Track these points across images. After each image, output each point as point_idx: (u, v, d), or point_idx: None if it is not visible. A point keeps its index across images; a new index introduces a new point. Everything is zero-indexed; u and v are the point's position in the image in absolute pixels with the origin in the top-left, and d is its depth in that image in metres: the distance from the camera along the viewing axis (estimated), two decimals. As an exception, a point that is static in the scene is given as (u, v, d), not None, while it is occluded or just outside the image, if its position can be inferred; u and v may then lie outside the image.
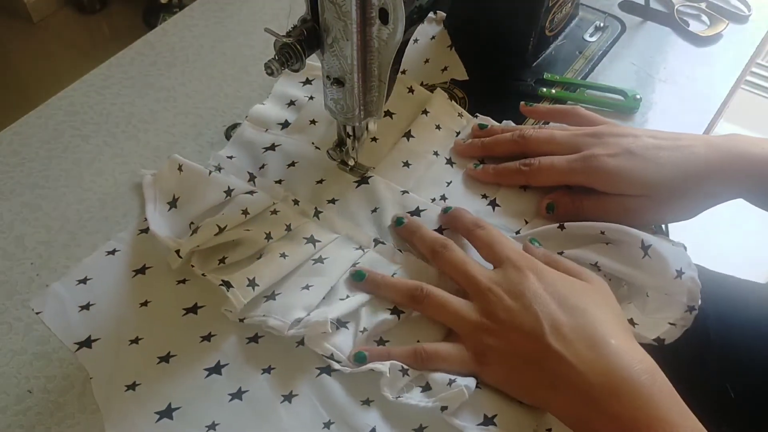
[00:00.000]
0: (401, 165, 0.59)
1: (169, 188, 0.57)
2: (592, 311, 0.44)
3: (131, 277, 0.52)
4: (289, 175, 0.59)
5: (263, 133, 0.62)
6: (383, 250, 0.53)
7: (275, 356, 0.48)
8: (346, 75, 0.49)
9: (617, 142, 0.53)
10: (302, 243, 0.53)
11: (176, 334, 0.49)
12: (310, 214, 0.56)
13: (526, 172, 0.55)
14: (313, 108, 0.63)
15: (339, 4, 0.45)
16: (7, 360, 0.48)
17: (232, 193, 0.55)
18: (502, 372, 0.45)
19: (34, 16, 2.11)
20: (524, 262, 0.47)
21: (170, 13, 1.98)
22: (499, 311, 0.45)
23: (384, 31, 0.46)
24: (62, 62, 2.00)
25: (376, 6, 0.45)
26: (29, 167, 0.60)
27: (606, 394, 0.40)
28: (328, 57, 0.49)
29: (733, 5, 0.75)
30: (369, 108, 0.52)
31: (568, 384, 0.42)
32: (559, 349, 0.42)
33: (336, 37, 0.47)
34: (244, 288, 0.48)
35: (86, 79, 0.68)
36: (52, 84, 1.02)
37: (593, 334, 0.43)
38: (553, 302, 0.44)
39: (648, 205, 0.52)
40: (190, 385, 0.46)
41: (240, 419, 0.45)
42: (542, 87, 0.66)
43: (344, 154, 0.57)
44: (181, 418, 0.45)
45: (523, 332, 0.43)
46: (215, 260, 0.52)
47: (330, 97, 0.53)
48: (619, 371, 0.41)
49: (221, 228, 0.52)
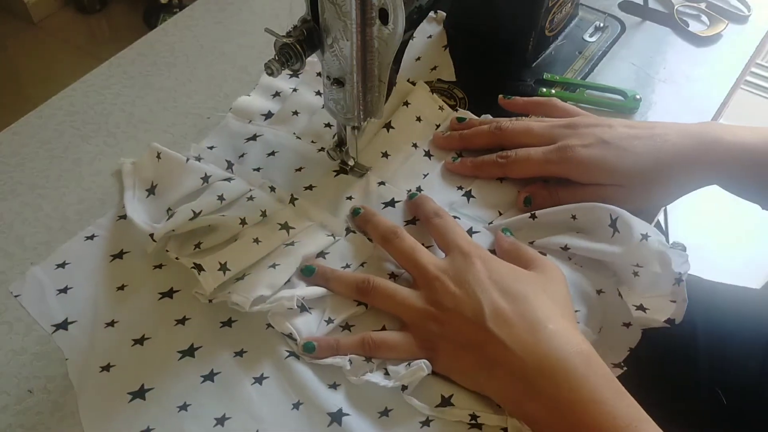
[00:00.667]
0: (380, 155, 0.59)
1: (148, 175, 0.58)
2: (533, 298, 0.45)
3: (109, 262, 0.53)
4: (268, 163, 0.60)
5: (246, 124, 0.63)
6: (354, 239, 0.54)
7: (247, 339, 0.49)
8: (346, 75, 0.50)
9: (591, 133, 0.54)
10: (276, 229, 0.54)
11: (151, 317, 0.50)
12: (285, 200, 0.57)
13: (503, 164, 0.56)
14: (296, 99, 0.64)
15: (339, 5, 0.45)
16: (7, 360, 0.49)
17: (209, 179, 0.56)
18: (447, 358, 0.46)
19: (34, 16, 2.11)
20: (472, 250, 0.48)
21: (170, 13, 1.98)
22: (444, 298, 0.46)
23: (384, 31, 0.46)
24: (62, 62, 2.00)
25: (376, 6, 0.45)
26: (29, 167, 0.60)
27: (540, 375, 0.42)
28: (328, 57, 0.49)
29: (732, 5, 0.75)
30: (369, 108, 0.52)
31: (505, 367, 0.43)
32: (498, 333, 0.43)
33: (336, 37, 0.47)
34: (215, 272, 0.50)
35: (86, 79, 0.68)
36: (52, 84, 1.02)
37: (532, 319, 0.44)
38: (495, 289, 0.46)
39: (623, 193, 0.53)
40: (163, 367, 0.47)
41: (211, 400, 0.46)
42: (542, 87, 0.66)
43: (344, 154, 0.57)
44: (153, 398, 0.46)
45: (465, 318, 0.45)
46: (191, 245, 0.53)
47: (330, 97, 0.53)
48: (554, 353, 0.42)
49: (196, 213, 0.53)
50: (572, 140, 0.54)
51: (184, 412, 0.45)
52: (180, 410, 0.45)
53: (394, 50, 0.47)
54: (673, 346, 0.63)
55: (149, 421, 0.45)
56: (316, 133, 0.62)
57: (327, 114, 0.57)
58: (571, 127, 0.56)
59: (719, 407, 0.59)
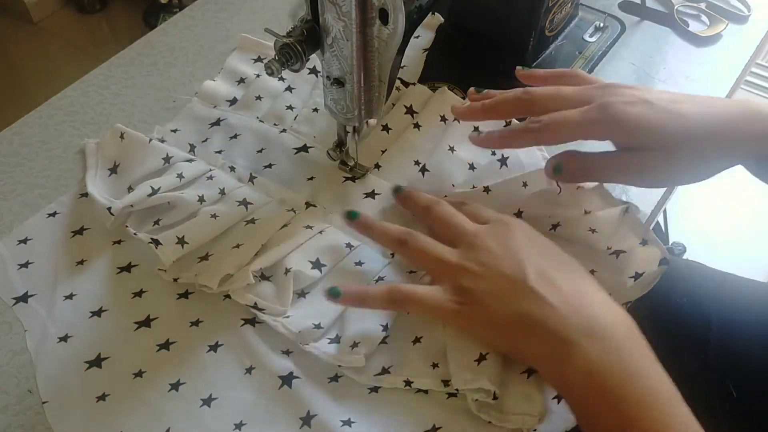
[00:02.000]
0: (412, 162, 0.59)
1: (111, 155, 0.59)
2: (575, 269, 0.45)
3: (69, 238, 0.55)
4: (230, 146, 0.61)
5: (211, 109, 0.64)
6: (314, 212, 0.55)
7: (203, 310, 0.50)
8: (346, 75, 0.50)
9: (632, 93, 0.48)
10: (235, 206, 0.55)
11: (109, 290, 0.52)
12: (245, 179, 0.58)
13: (535, 129, 0.49)
14: (259, 85, 0.65)
15: (339, 5, 0.45)
16: (7, 360, 0.49)
17: (170, 160, 0.57)
18: (480, 314, 0.44)
19: (34, 16, 2.11)
20: (513, 221, 0.48)
21: (170, 13, 1.98)
22: (483, 255, 0.45)
23: (384, 31, 0.46)
24: (62, 62, 2.00)
25: (376, 6, 0.45)
26: (29, 167, 0.60)
27: (583, 337, 0.40)
28: (328, 57, 0.49)
29: (732, 5, 0.75)
30: (369, 108, 0.52)
31: (546, 326, 0.41)
32: (541, 292, 0.42)
33: (336, 38, 0.47)
34: (172, 246, 0.51)
35: (86, 79, 0.68)
36: (52, 84, 1.02)
37: (576, 283, 0.43)
38: (538, 254, 0.45)
39: (666, 160, 0.47)
40: (119, 336, 0.49)
41: (165, 367, 0.47)
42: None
43: (344, 154, 0.57)
44: (109, 366, 0.48)
45: (504, 275, 0.44)
46: (150, 222, 0.54)
47: (330, 97, 0.53)
48: (602, 317, 0.41)
49: (155, 189, 0.54)
50: (612, 98, 0.47)
51: (139, 378, 0.47)
52: (135, 377, 0.47)
53: (394, 50, 0.47)
54: (684, 336, 0.62)
55: (104, 388, 0.46)
56: (278, 116, 0.63)
57: (290, 98, 0.61)
58: (607, 87, 0.49)
59: (729, 399, 0.59)
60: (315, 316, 0.48)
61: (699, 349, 0.61)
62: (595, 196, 0.51)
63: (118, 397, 0.46)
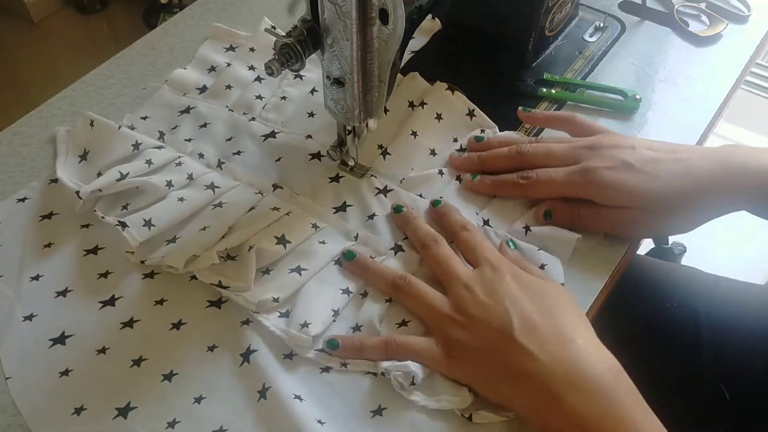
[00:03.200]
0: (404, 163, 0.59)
1: (81, 142, 0.60)
2: (561, 312, 0.45)
3: (38, 222, 0.56)
4: (199, 134, 0.62)
5: (180, 96, 0.65)
6: (281, 194, 0.56)
7: (169, 290, 0.51)
8: (346, 75, 0.50)
9: (614, 155, 0.53)
10: (202, 190, 0.56)
11: (75, 272, 0.52)
12: (213, 165, 0.59)
13: (524, 186, 0.55)
14: (230, 73, 0.66)
15: (339, 5, 0.45)
16: (6, 360, 0.49)
17: (140, 147, 0.58)
18: (469, 367, 0.45)
19: (34, 16, 2.11)
20: (502, 264, 0.49)
21: (170, 13, 1.98)
22: (471, 306, 0.46)
23: (384, 31, 0.46)
24: (62, 62, 2.00)
25: (376, 6, 0.45)
26: (29, 167, 0.60)
27: (570, 388, 0.41)
28: (328, 57, 0.49)
29: (732, 5, 0.75)
30: (369, 108, 0.52)
31: (531, 379, 0.42)
32: (526, 344, 0.43)
33: (336, 37, 0.47)
34: (139, 228, 0.52)
35: (86, 79, 0.68)
36: (52, 84, 1.02)
37: (561, 333, 0.44)
38: (525, 301, 0.45)
39: (645, 217, 0.53)
40: (84, 315, 0.50)
41: (129, 344, 0.48)
42: (542, 87, 0.66)
43: (344, 154, 0.57)
44: (72, 343, 0.48)
45: (492, 327, 0.45)
46: (118, 207, 0.55)
47: (330, 97, 0.53)
48: (585, 367, 0.42)
49: (123, 174, 0.55)
50: (595, 162, 0.53)
51: (102, 355, 0.48)
52: (99, 353, 0.48)
53: (394, 50, 0.47)
54: (676, 340, 0.63)
55: (68, 364, 0.47)
56: (247, 105, 0.63)
57: (259, 87, 0.62)
58: (593, 148, 0.54)
59: (723, 402, 0.59)
60: (275, 290, 0.49)
61: (691, 352, 0.61)
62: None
63: (81, 372, 0.47)
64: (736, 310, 0.64)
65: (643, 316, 0.65)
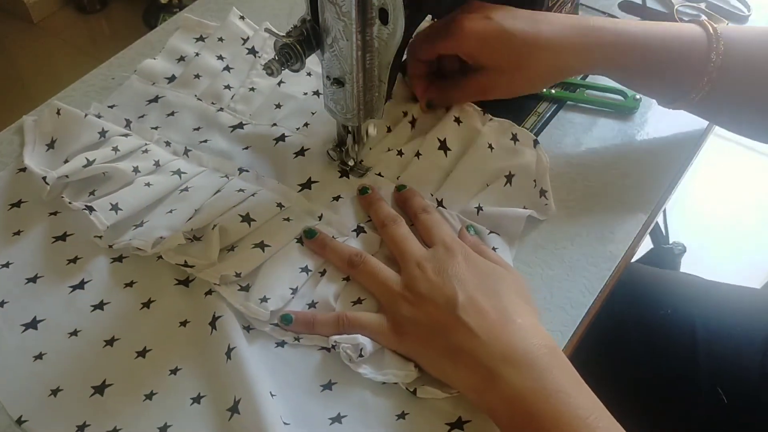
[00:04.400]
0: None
1: (48, 131, 0.60)
2: (506, 294, 0.46)
3: (7, 210, 0.56)
4: (166, 122, 0.62)
5: (149, 86, 0.65)
6: (247, 177, 0.57)
7: (137, 272, 0.52)
8: (346, 75, 0.49)
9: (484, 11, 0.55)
10: (169, 175, 0.57)
11: (44, 258, 0.53)
12: (180, 153, 0.59)
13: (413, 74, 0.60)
14: (199, 63, 0.66)
15: (339, 4, 0.45)
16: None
17: (106, 134, 0.59)
18: (415, 343, 0.46)
19: (34, 16, 2.11)
20: (455, 245, 0.50)
21: (170, 13, 1.98)
22: (421, 284, 0.47)
23: (384, 31, 0.46)
24: (62, 62, 2.00)
25: (375, 6, 0.45)
26: None
27: (505, 363, 0.42)
28: (328, 57, 0.49)
29: (732, 5, 0.75)
30: (369, 108, 0.52)
31: (470, 354, 0.43)
32: (467, 321, 0.44)
33: (336, 37, 0.47)
34: (107, 212, 0.53)
35: (86, 79, 0.68)
36: (52, 84, 1.02)
37: (502, 313, 0.45)
38: (472, 282, 0.46)
39: (500, 77, 0.56)
40: (54, 300, 0.51)
41: (100, 326, 0.49)
42: (542, 87, 0.66)
43: (344, 154, 0.57)
44: (44, 328, 0.49)
45: (437, 305, 0.46)
46: (86, 193, 0.56)
47: (330, 97, 0.53)
48: (520, 343, 0.43)
49: (90, 161, 0.56)
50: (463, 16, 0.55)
51: (74, 337, 0.49)
52: (70, 336, 0.49)
53: (394, 50, 0.47)
54: (672, 346, 0.63)
55: (41, 348, 0.48)
56: (215, 95, 0.64)
57: (228, 77, 0.62)
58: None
59: (720, 406, 0.59)
60: (238, 265, 0.50)
61: (687, 357, 0.61)
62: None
63: (55, 355, 0.48)
64: (731, 313, 0.64)
65: (638, 322, 0.66)
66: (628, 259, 0.55)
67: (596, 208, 0.57)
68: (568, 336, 0.50)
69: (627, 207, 0.57)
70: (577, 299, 0.51)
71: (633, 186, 0.59)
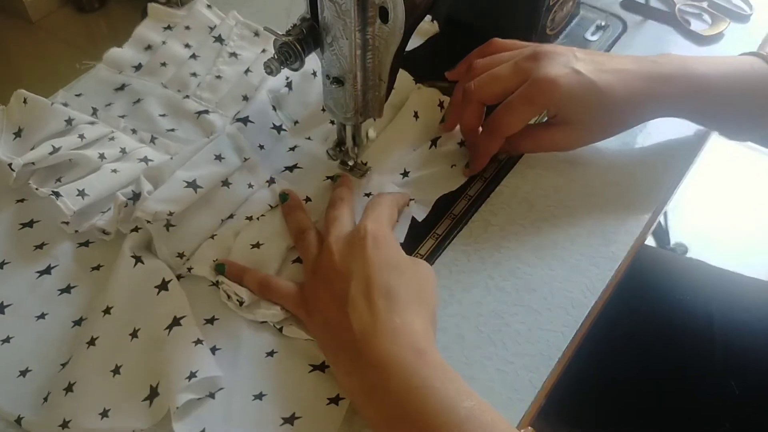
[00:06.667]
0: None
1: (15, 120, 0.60)
2: (396, 292, 0.44)
3: None
4: (133, 110, 0.63)
5: (116, 74, 0.66)
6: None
7: (103, 256, 0.53)
8: (345, 74, 0.49)
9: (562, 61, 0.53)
10: (135, 162, 0.58)
11: (11, 245, 0.54)
12: (146, 140, 0.60)
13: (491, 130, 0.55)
14: (165, 51, 0.67)
15: (339, 3, 0.45)
16: None
17: (73, 122, 0.59)
18: (314, 327, 0.48)
19: (32, 15, 2.11)
20: (367, 235, 0.47)
21: (169, 12, 1.98)
22: (328, 271, 0.47)
23: (384, 29, 0.46)
24: (61, 61, 2.00)
25: (375, 5, 0.44)
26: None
27: (372, 370, 0.42)
28: (328, 56, 0.49)
29: (734, 4, 0.75)
30: (369, 107, 0.52)
31: (348, 354, 0.44)
32: (351, 319, 0.44)
33: (336, 36, 0.47)
34: (73, 197, 0.53)
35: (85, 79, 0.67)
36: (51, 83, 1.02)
37: (384, 313, 0.43)
38: (370, 276, 0.45)
39: (581, 131, 0.55)
40: (21, 285, 0.52)
41: (67, 308, 0.50)
42: (543, 86, 0.65)
43: (344, 154, 0.57)
44: (12, 312, 0.50)
45: (333, 296, 0.46)
46: (53, 180, 0.56)
47: (330, 96, 0.52)
48: (387, 348, 0.42)
49: (56, 148, 0.56)
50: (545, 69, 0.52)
51: (42, 320, 0.50)
52: (38, 319, 0.50)
53: (394, 49, 0.47)
54: (688, 335, 0.62)
55: (8, 331, 0.49)
56: (182, 82, 0.64)
57: (194, 65, 0.63)
58: (537, 58, 0.54)
59: (731, 397, 0.59)
60: (169, 203, 0.51)
61: (704, 347, 0.61)
62: None
63: (22, 337, 0.49)
64: (746, 305, 0.64)
65: (652, 307, 0.65)
66: (630, 259, 0.55)
67: (597, 208, 0.57)
68: (569, 337, 0.49)
69: (629, 207, 0.57)
70: (578, 300, 0.51)
71: (635, 186, 0.58)
